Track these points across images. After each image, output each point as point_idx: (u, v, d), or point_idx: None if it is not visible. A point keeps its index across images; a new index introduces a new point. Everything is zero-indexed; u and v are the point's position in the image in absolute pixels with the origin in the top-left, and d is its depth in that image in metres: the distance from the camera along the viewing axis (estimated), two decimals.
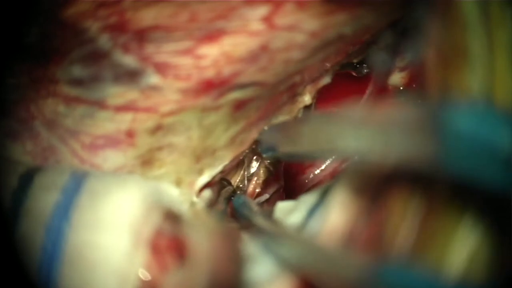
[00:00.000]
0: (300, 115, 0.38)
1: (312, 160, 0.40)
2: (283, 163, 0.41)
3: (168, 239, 0.28)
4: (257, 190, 0.39)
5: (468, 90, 0.23)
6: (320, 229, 0.29)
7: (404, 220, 0.25)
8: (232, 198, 0.39)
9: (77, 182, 0.29)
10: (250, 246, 0.32)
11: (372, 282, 0.22)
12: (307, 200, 0.32)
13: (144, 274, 0.28)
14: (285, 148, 0.33)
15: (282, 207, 0.34)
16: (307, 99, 0.37)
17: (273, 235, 0.31)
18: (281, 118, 0.37)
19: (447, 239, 0.23)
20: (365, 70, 0.39)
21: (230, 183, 0.39)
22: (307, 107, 0.38)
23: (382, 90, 0.40)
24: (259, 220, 0.33)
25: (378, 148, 0.23)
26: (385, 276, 0.22)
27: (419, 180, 0.24)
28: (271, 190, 0.40)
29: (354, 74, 0.40)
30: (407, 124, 0.22)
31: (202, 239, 0.29)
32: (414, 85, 0.38)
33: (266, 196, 0.40)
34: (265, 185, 0.40)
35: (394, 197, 0.25)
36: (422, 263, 0.23)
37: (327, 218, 0.29)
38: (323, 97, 0.40)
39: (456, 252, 0.23)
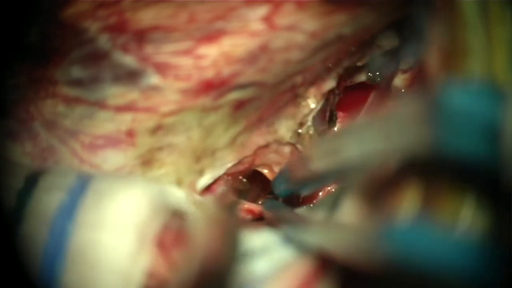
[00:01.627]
0: (308, 122, 0.38)
1: (327, 183, 0.40)
2: None
3: (175, 235, 0.28)
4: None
5: (466, 74, 0.23)
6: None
7: (408, 206, 0.24)
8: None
9: (82, 183, 0.29)
10: (268, 237, 0.32)
11: (382, 240, 0.22)
12: (317, 214, 0.32)
13: (151, 272, 0.28)
14: (298, 179, 0.33)
15: (299, 212, 0.34)
16: (311, 102, 0.37)
17: (299, 225, 0.31)
18: (284, 122, 0.37)
19: (451, 218, 0.23)
20: (378, 79, 0.40)
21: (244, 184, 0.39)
22: (318, 114, 0.38)
23: (385, 93, 0.40)
24: (288, 215, 0.33)
25: (381, 146, 0.23)
26: (395, 232, 0.22)
27: (423, 170, 0.24)
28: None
29: (366, 82, 0.40)
30: (407, 116, 0.22)
31: (200, 227, 0.29)
32: (415, 86, 0.38)
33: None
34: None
35: (401, 192, 0.25)
36: (432, 219, 0.23)
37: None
38: (340, 106, 0.40)
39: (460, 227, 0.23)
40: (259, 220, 0.39)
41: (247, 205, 0.38)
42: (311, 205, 0.34)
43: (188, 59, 0.32)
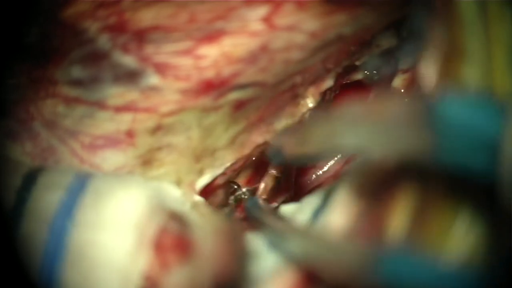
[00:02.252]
0: (305, 119, 0.38)
1: (319, 160, 0.40)
2: (294, 173, 0.41)
3: (173, 238, 0.28)
4: (263, 197, 0.39)
5: (463, 83, 0.23)
6: (323, 229, 0.29)
7: (403, 214, 0.24)
8: (243, 198, 0.39)
9: (82, 183, 0.30)
10: (254, 242, 0.32)
11: (372, 268, 0.22)
12: (311, 202, 0.32)
13: (146, 273, 0.28)
14: (293, 150, 0.33)
15: (286, 210, 0.34)
16: (309, 101, 0.37)
17: (281, 232, 0.31)
18: (284, 121, 0.37)
19: (445, 229, 0.23)
20: (375, 77, 0.40)
21: (239, 186, 0.39)
22: (313, 111, 0.38)
23: (384, 93, 0.40)
24: (269, 219, 0.33)
25: (377, 144, 0.23)
26: (385, 261, 0.22)
27: (418, 176, 0.24)
28: (280, 199, 0.40)
29: (364, 81, 0.40)
30: (404, 118, 0.22)
31: (207, 238, 0.29)
32: (415, 86, 0.39)
33: (274, 205, 0.40)
34: (275, 194, 0.40)
35: (395, 195, 0.25)
36: (420, 249, 0.23)
37: (328, 220, 0.29)
38: (333, 104, 0.40)
39: (454, 240, 0.23)
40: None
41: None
42: (303, 198, 0.33)
43: (188, 59, 0.32)
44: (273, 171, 0.39)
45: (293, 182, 0.41)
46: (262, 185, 0.39)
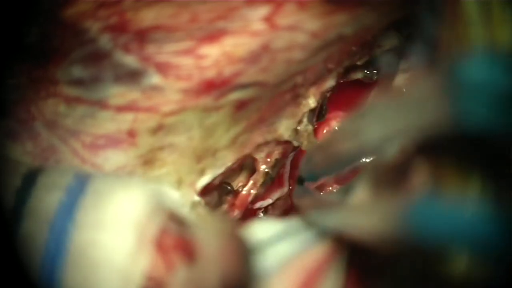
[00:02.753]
0: (304, 118, 0.38)
1: (349, 166, 0.40)
2: (286, 169, 0.41)
3: (174, 239, 0.28)
4: (253, 192, 0.39)
5: (479, 46, 0.23)
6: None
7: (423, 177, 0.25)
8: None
9: (81, 183, 0.30)
10: (254, 238, 0.32)
11: (403, 221, 0.22)
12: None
13: (149, 273, 0.28)
14: (322, 158, 0.33)
15: None
16: (311, 102, 0.37)
17: (324, 208, 0.31)
18: (285, 121, 0.37)
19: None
20: (375, 76, 0.40)
21: (232, 187, 0.39)
22: (312, 111, 0.38)
23: (386, 92, 0.40)
24: (317, 197, 0.34)
25: (401, 125, 0.24)
26: (413, 212, 0.22)
27: (435, 153, 0.24)
28: (275, 195, 0.40)
29: (363, 80, 0.40)
30: (424, 91, 0.22)
31: (210, 239, 0.29)
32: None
33: (269, 201, 0.40)
34: (267, 189, 0.40)
35: (414, 171, 0.25)
36: (445, 195, 0.23)
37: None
38: (332, 103, 0.40)
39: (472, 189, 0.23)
40: (247, 213, 0.40)
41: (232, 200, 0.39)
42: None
43: (189, 59, 0.32)
44: (263, 167, 0.39)
45: (288, 178, 0.41)
46: (251, 182, 0.39)
